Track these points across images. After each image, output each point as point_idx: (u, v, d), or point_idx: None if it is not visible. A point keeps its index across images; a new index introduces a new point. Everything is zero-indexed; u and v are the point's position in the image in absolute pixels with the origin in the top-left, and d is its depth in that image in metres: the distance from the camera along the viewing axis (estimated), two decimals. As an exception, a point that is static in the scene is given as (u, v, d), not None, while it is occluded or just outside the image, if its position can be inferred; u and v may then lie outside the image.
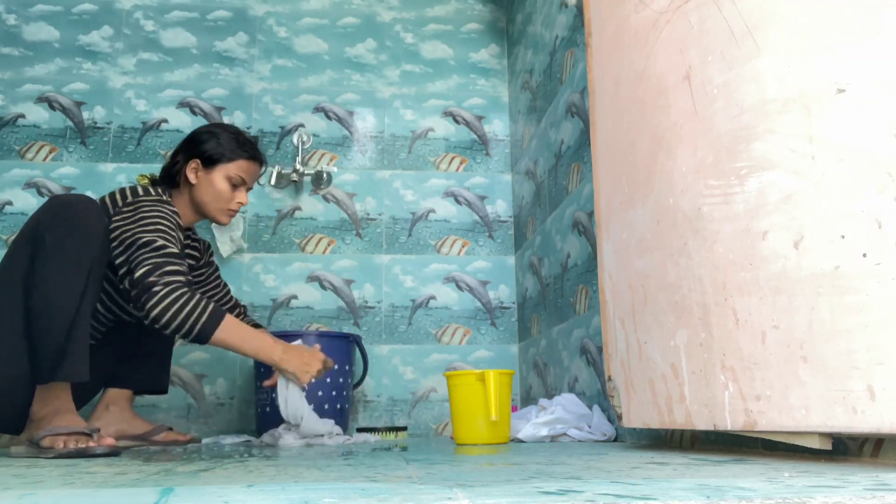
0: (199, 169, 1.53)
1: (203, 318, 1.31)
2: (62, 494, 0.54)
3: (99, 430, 1.25)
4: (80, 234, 1.25)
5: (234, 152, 1.54)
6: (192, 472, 0.76)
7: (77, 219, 1.26)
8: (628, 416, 1.05)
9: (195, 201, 1.54)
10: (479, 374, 1.38)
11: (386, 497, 0.49)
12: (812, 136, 0.74)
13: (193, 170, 1.53)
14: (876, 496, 0.47)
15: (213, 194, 1.53)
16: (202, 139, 1.54)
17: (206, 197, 1.53)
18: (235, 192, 1.55)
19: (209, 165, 1.53)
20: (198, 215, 1.58)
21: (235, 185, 1.55)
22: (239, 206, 1.57)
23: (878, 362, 0.67)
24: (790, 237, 0.75)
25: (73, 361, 1.21)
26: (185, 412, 2.14)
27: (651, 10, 1.01)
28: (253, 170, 1.58)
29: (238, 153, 1.54)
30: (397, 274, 2.34)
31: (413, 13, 2.57)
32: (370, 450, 1.23)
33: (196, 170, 1.53)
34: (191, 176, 1.53)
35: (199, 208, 1.55)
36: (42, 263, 1.22)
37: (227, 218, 1.57)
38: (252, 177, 1.59)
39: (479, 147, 2.48)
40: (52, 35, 2.40)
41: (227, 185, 1.54)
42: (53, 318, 1.20)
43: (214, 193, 1.53)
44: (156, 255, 1.33)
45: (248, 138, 1.60)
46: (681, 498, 0.47)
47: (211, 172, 1.53)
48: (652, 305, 0.97)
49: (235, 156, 1.54)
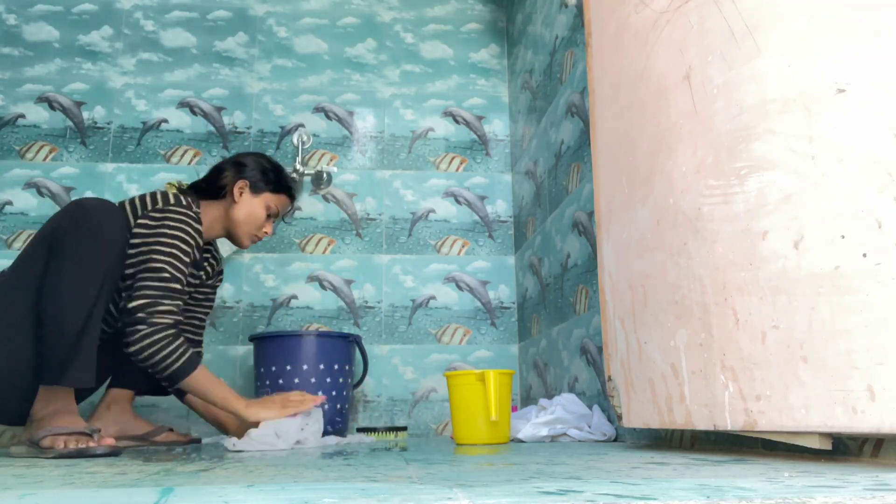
0: (245, 190, 1.60)
1: (175, 366, 1.35)
2: (62, 494, 0.54)
3: (99, 431, 1.25)
4: (99, 242, 1.26)
5: (279, 186, 1.63)
6: (192, 472, 0.76)
7: (97, 226, 1.27)
8: (628, 416, 1.05)
9: (230, 218, 1.60)
10: (479, 374, 1.38)
11: (386, 497, 0.49)
12: (812, 136, 0.74)
13: (241, 189, 1.60)
14: (876, 496, 0.47)
15: (249, 217, 1.60)
16: (253, 165, 1.63)
17: (242, 217, 1.59)
18: (266, 222, 1.64)
19: (255, 191, 1.61)
20: (224, 231, 1.63)
21: (269, 216, 1.63)
22: (265, 235, 1.65)
23: (878, 362, 0.67)
24: (790, 237, 0.75)
25: (80, 368, 1.22)
26: (186, 412, 2.14)
27: (651, 10, 1.01)
28: (287, 206, 1.69)
29: (282, 188, 1.64)
30: (397, 274, 2.34)
31: (413, 13, 2.57)
32: (370, 450, 1.23)
33: (243, 190, 1.60)
34: (236, 193, 1.59)
35: (229, 225, 1.61)
36: (58, 267, 1.24)
37: (250, 243, 1.64)
38: (284, 212, 1.70)
39: (479, 147, 2.48)
40: (52, 35, 2.40)
41: (264, 213, 1.62)
42: (63, 323, 1.21)
43: (251, 217, 1.60)
44: (157, 287, 1.36)
45: (290, 176, 1.71)
46: (681, 498, 0.47)
47: (255, 197, 1.61)
48: (652, 305, 0.97)
49: (280, 190, 1.64)
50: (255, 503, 0.48)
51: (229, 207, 1.60)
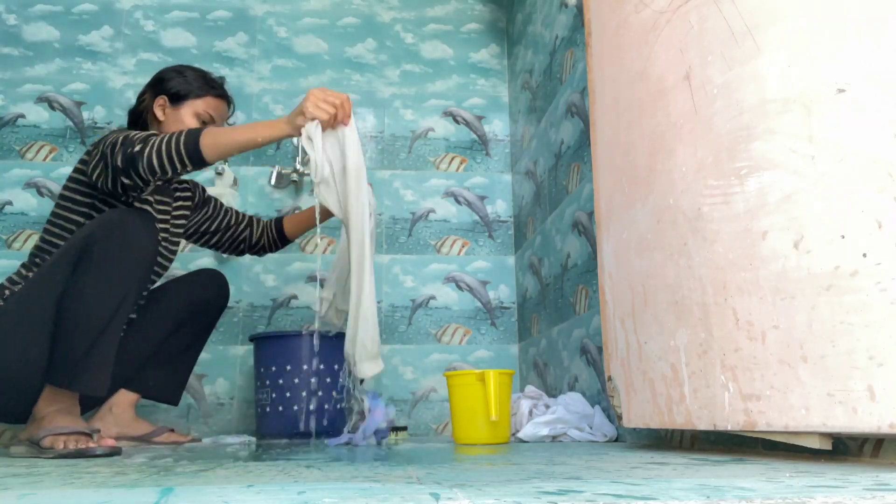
0: (166, 106, 1.50)
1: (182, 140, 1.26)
2: (62, 494, 0.54)
3: (99, 431, 1.25)
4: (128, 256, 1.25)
5: (201, 89, 1.52)
6: (192, 472, 0.76)
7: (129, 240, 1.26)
8: (628, 416, 1.05)
9: None
10: (479, 374, 1.38)
11: (386, 497, 0.49)
12: (812, 136, 0.74)
13: (161, 107, 1.50)
14: (876, 496, 0.47)
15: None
16: (168, 76, 1.52)
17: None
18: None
19: (176, 102, 1.50)
20: None
21: (204, 123, 1.51)
22: None
23: (878, 362, 0.67)
24: (790, 237, 0.75)
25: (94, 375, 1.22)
26: (186, 412, 2.14)
27: (651, 10, 1.01)
28: (221, 108, 1.56)
29: (206, 90, 1.52)
30: (397, 274, 2.34)
31: (413, 13, 2.57)
32: (370, 450, 1.23)
33: (164, 107, 1.50)
34: (158, 113, 1.49)
35: None
36: (83, 273, 1.23)
37: None
38: (220, 116, 1.56)
39: (479, 147, 2.48)
40: (52, 35, 2.40)
41: (195, 122, 1.50)
42: (80, 328, 1.21)
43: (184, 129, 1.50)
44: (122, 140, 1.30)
45: (214, 77, 1.58)
46: (681, 498, 0.47)
47: (179, 109, 1.49)
48: (652, 305, 0.97)
49: (203, 92, 1.52)
50: (255, 503, 0.48)
51: (160, 129, 1.49)
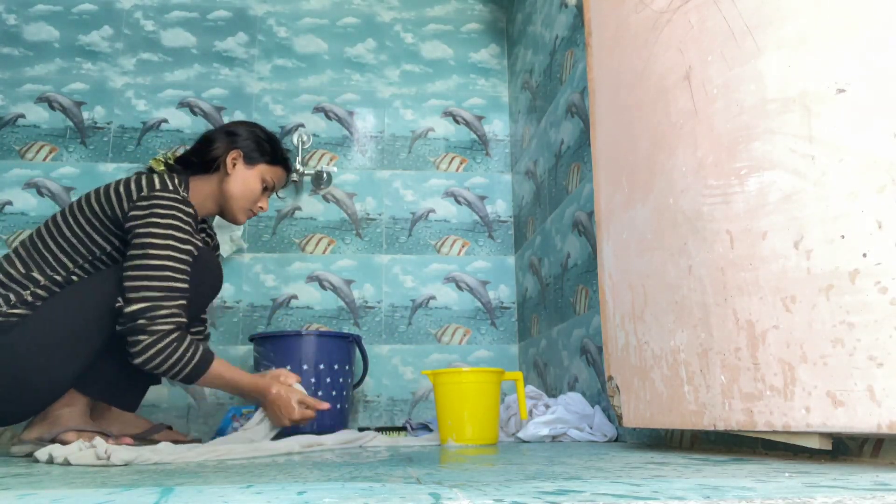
0: (239, 161, 1.49)
1: (188, 369, 1.29)
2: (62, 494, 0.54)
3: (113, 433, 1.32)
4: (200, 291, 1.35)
5: (275, 157, 1.53)
6: (192, 472, 0.76)
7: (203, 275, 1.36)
8: (628, 416, 1.05)
9: (223, 192, 1.49)
10: (466, 373, 1.37)
11: (386, 497, 0.49)
12: (812, 136, 0.74)
13: (234, 160, 1.49)
14: (876, 496, 0.47)
15: (244, 190, 1.49)
16: (246, 135, 1.52)
17: (237, 191, 1.49)
18: (262, 195, 1.53)
19: (250, 162, 1.50)
20: (217, 207, 1.52)
21: (265, 189, 1.53)
22: (260, 210, 1.54)
23: (879, 362, 0.67)
24: (790, 237, 0.75)
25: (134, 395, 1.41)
26: (185, 412, 2.14)
27: (651, 10, 1.01)
28: (283, 179, 1.58)
29: (278, 160, 1.54)
30: (397, 274, 2.34)
31: (413, 13, 2.57)
32: (370, 451, 1.23)
33: (236, 161, 1.49)
34: (229, 165, 1.48)
35: (223, 201, 1.50)
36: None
37: (245, 218, 1.54)
38: (280, 186, 1.58)
39: (479, 147, 2.48)
40: (52, 35, 2.40)
41: (259, 186, 1.51)
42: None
43: (246, 190, 1.49)
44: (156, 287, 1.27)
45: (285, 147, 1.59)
46: (681, 498, 0.47)
47: (250, 168, 1.50)
48: (652, 305, 0.97)
49: (276, 161, 1.53)
50: (255, 503, 0.48)
51: (222, 181, 1.49)
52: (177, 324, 1.28)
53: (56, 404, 1.29)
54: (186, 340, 1.28)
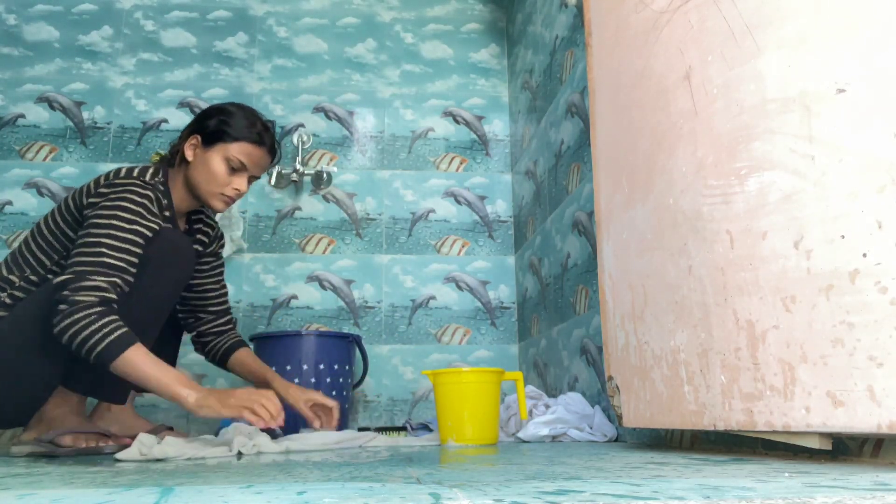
0: (197, 146, 1.39)
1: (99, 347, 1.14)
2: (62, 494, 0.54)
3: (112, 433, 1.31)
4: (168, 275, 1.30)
5: (239, 132, 1.38)
6: (192, 472, 0.76)
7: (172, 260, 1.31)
8: (628, 416, 1.05)
9: (189, 182, 1.40)
10: (465, 373, 1.37)
11: (386, 497, 0.49)
12: (812, 136, 0.74)
13: (192, 146, 1.39)
14: (876, 496, 0.47)
15: (206, 175, 1.37)
16: (209, 114, 1.41)
17: (200, 177, 1.38)
18: (233, 177, 1.39)
19: (208, 143, 1.38)
20: (194, 199, 1.43)
21: (234, 169, 1.38)
22: (235, 192, 1.40)
23: (879, 362, 0.67)
24: (790, 237, 0.75)
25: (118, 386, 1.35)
26: (185, 412, 2.14)
27: (651, 10, 1.01)
28: (256, 155, 1.40)
29: (243, 134, 1.38)
30: (397, 274, 2.34)
31: (413, 13, 2.57)
32: (370, 451, 1.23)
33: (195, 147, 1.39)
34: (188, 153, 1.39)
35: (193, 190, 1.40)
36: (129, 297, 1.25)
37: (222, 204, 1.41)
38: (255, 164, 1.41)
39: (479, 147, 2.48)
40: (52, 35, 2.40)
41: (223, 167, 1.37)
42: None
43: (208, 174, 1.37)
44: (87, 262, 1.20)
45: (260, 121, 1.43)
46: (681, 498, 0.47)
47: (208, 151, 1.38)
48: (652, 305, 0.97)
49: (240, 136, 1.38)
50: (255, 503, 0.48)
51: (187, 170, 1.39)
52: (100, 297, 1.18)
53: (49, 405, 1.28)
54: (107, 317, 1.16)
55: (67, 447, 1.18)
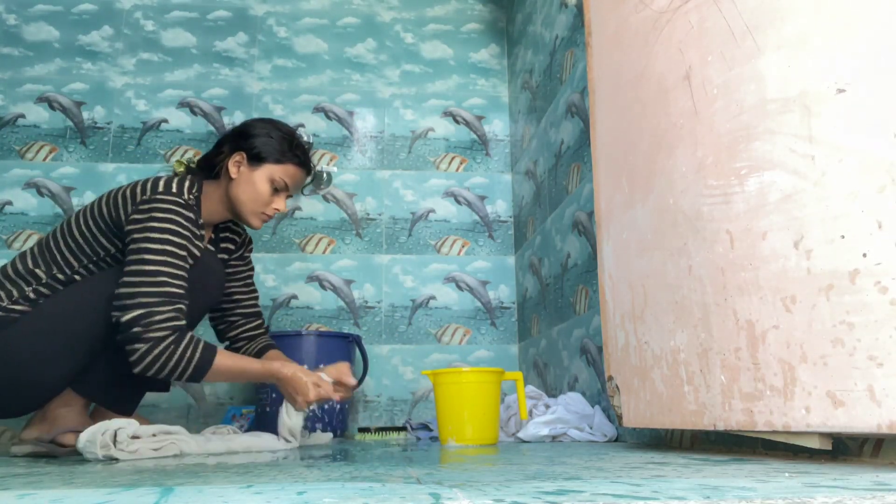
0: (242, 163, 1.42)
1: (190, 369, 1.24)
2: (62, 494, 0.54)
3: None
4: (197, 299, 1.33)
5: (284, 155, 1.43)
6: (192, 472, 0.76)
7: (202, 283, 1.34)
8: (628, 416, 1.05)
9: (231, 197, 1.43)
10: (465, 373, 1.37)
11: (386, 497, 0.49)
12: (812, 136, 0.74)
13: (237, 163, 1.42)
14: (876, 496, 0.47)
15: (251, 194, 1.41)
16: (254, 133, 1.44)
17: (244, 196, 1.42)
18: (274, 197, 1.44)
19: (254, 162, 1.41)
20: (229, 213, 1.46)
21: (277, 190, 1.44)
22: (275, 212, 1.46)
23: (879, 362, 0.67)
24: (790, 237, 0.75)
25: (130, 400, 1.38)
26: (185, 412, 2.14)
27: (651, 10, 1.01)
28: (299, 177, 1.47)
29: (288, 157, 1.43)
30: (397, 274, 2.34)
31: (413, 13, 2.57)
32: (370, 451, 1.23)
33: (239, 164, 1.42)
34: (232, 170, 1.41)
35: (232, 206, 1.44)
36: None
37: (260, 222, 1.46)
38: (296, 185, 1.48)
39: (479, 147, 2.48)
40: (52, 35, 2.40)
41: (268, 188, 1.42)
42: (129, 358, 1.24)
43: (253, 193, 1.41)
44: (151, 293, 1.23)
45: (301, 143, 1.48)
46: (681, 498, 0.47)
47: (255, 170, 1.41)
48: (652, 305, 0.97)
49: (285, 159, 1.43)
50: (255, 503, 0.48)
51: (229, 186, 1.42)
52: (173, 328, 1.24)
53: (54, 404, 1.29)
54: (184, 342, 1.24)
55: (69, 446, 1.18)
